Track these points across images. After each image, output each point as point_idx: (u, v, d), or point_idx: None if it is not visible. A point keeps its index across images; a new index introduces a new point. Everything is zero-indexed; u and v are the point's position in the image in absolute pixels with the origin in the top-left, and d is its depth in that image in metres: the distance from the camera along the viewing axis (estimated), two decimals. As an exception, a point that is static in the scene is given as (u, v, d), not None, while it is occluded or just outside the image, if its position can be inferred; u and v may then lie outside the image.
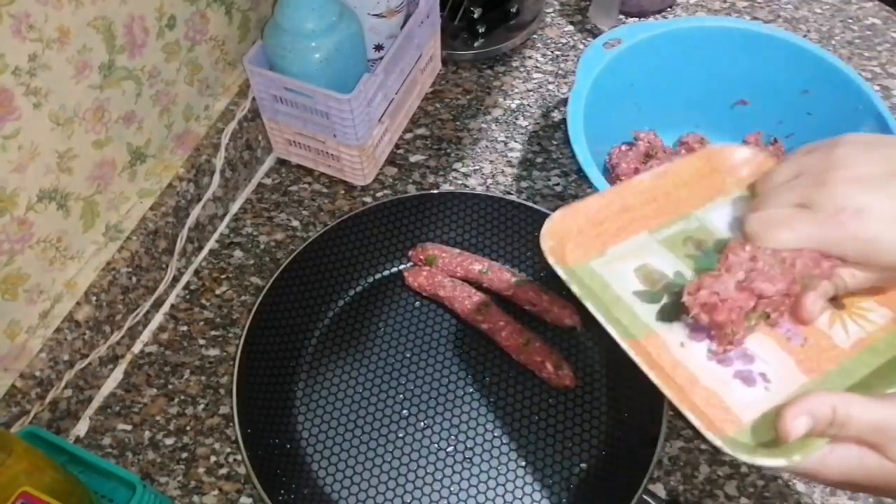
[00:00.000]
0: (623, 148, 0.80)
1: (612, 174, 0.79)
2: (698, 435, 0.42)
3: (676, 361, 0.47)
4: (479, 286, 0.74)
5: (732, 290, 0.45)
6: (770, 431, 0.42)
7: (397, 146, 0.88)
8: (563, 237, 0.53)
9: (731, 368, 0.47)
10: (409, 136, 0.89)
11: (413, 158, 0.87)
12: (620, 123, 0.80)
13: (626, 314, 0.49)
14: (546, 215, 0.74)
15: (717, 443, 0.41)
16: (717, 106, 0.82)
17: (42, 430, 0.61)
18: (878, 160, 0.44)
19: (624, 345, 0.46)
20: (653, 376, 0.44)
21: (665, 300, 0.50)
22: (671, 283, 0.51)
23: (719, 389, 0.46)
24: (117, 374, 0.73)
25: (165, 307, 0.77)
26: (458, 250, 0.76)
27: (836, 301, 0.49)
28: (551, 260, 0.50)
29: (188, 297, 0.78)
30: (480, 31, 0.94)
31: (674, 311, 0.49)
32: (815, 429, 0.40)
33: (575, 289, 0.48)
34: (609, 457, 0.65)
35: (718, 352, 0.47)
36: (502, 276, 0.74)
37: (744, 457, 0.41)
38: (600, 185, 0.66)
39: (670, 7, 0.99)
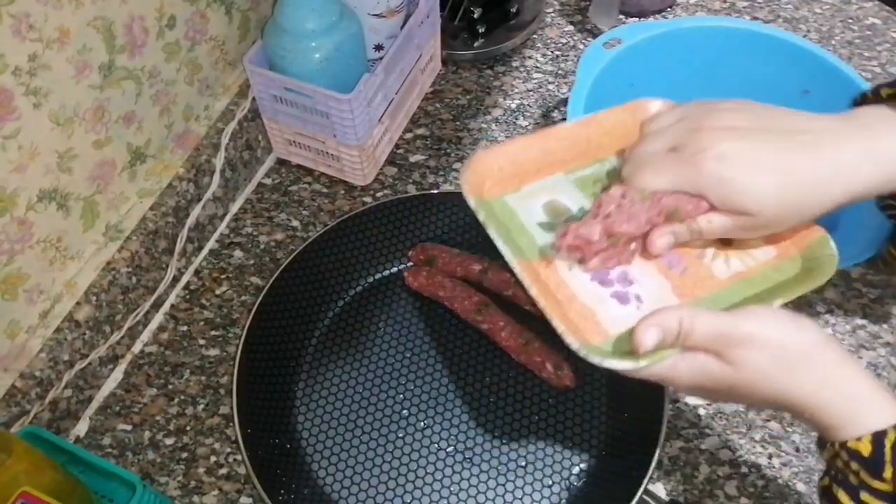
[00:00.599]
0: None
1: None
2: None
3: (561, 281, 0.52)
4: (479, 286, 0.74)
5: (597, 234, 0.49)
6: (630, 344, 0.46)
7: (397, 146, 0.88)
8: (483, 174, 0.56)
9: (609, 289, 0.51)
10: (409, 136, 0.89)
11: (413, 158, 0.87)
12: None
13: (525, 240, 0.54)
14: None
15: (574, 346, 0.46)
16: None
17: (42, 430, 0.61)
18: (749, 117, 0.49)
19: (513, 262, 0.50)
20: (532, 290, 0.49)
21: (563, 229, 0.53)
22: (573, 216, 0.55)
23: (595, 306, 0.51)
24: (117, 375, 0.73)
25: (165, 307, 0.77)
26: (457, 250, 0.76)
27: (724, 242, 0.53)
28: (465, 189, 0.54)
29: (188, 297, 0.78)
30: (480, 31, 0.94)
31: None
32: (665, 340, 0.45)
33: (480, 216, 0.52)
34: (609, 457, 0.65)
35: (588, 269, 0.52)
36: (502, 276, 0.74)
37: (596, 359, 0.45)
38: None
39: (670, 7, 0.99)
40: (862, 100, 0.53)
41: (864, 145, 0.47)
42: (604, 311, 0.50)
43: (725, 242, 0.53)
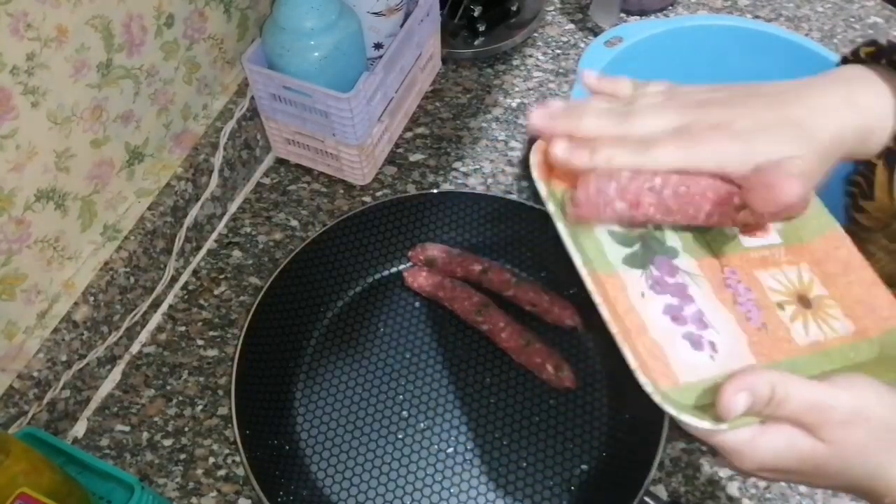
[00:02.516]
0: None
1: None
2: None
3: (631, 307, 0.47)
4: (478, 286, 0.73)
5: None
6: (701, 398, 0.42)
7: (397, 145, 0.88)
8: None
9: (683, 328, 0.47)
10: (408, 135, 0.89)
11: (413, 158, 0.87)
12: None
13: (593, 248, 0.48)
14: (547, 215, 0.74)
15: (648, 388, 0.41)
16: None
17: (40, 431, 0.60)
18: (730, 92, 0.47)
19: (583, 271, 0.45)
20: (603, 309, 0.44)
21: (637, 247, 0.50)
22: (647, 233, 0.51)
23: (665, 344, 0.45)
24: (115, 375, 0.72)
25: (163, 307, 0.76)
26: (457, 250, 0.76)
27: (804, 301, 0.50)
28: (535, 174, 0.48)
29: (186, 297, 0.77)
30: (481, 29, 0.94)
31: (642, 259, 0.49)
32: (754, 406, 0.40)
33: (550, 207, 0.47)
34: (610, 458, 0.65)
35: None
36: (502, 276, 0.74)
37: (672, 410, 0.40)
38: None
39: (671, 5, 0.99)
40: (843, 61, 0.54)
41: (843, 96, 0.47)
42: (674, 353, 0.45)
43: (804, 302, 0.50)
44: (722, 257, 0.52)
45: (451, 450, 0.66)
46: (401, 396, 0.69)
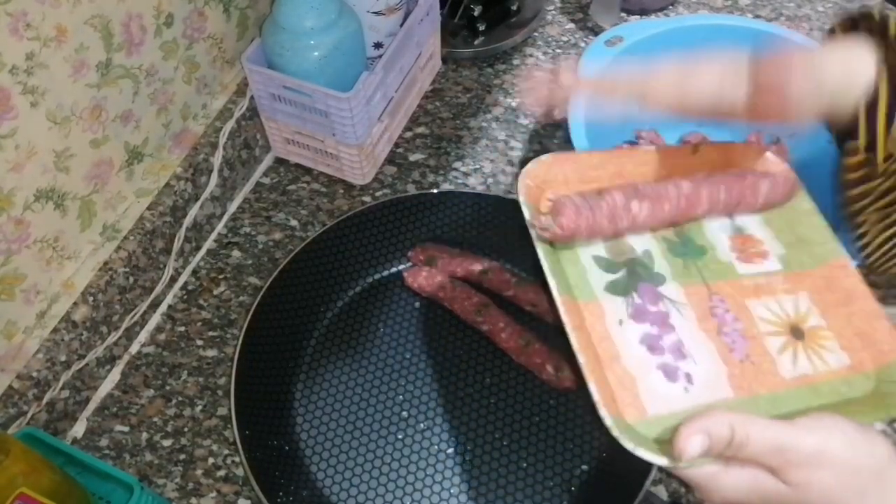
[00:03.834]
0: (624, 147, 0.79)
1: None
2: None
3: (606, 334, 0.46)
4: (479, 286, 0.73)
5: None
6: (669, 431, 0.41)
7: (397, 145, 0.87)
8: (545, 181, 0.51)
9: (659, 358, 0.46)
10: (408, 134, 0.88)
11: (413, 157, 0.87)
12: (622, 122, 0.80)
13: (576, 274, 0.48)
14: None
15: (607, 422, 0.41)
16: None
17: (39, 432, 0.60)
18: None
19: (558, 299, 0.45)
20: (572, 338, 0.43)
21: (621, 274, 0.49)
22: (635, 259, 0.50)
23: (638, 374, 0.45)
24: (114, 376, 0.72)
25: (163, 308, 0.76)
26: (457, 250, 0.76)
27: (797, 332, 0.49)
28: (522, 198, 0.49)
29: (186, 297, 0.77)
30: (481, 28, 0.94)
31: (626, 287, 0.49)
32: (713, 449, 0.39)
33: (533, 232, 0.47)
34: (610, 459, 0.65)
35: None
36: (502, 276, 0.73)
37: (628, 445, 0.40)
38: None
39: (671, 5, 0.99)
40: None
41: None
42: (646, 383, 0.45)
43: (797, 333, 0.49)
44: (713, 285, 0.51)
45: (451, 450, 0.66)
46: (401, 396, 0.69)
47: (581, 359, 0.43)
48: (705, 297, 0.50)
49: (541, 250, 0.47)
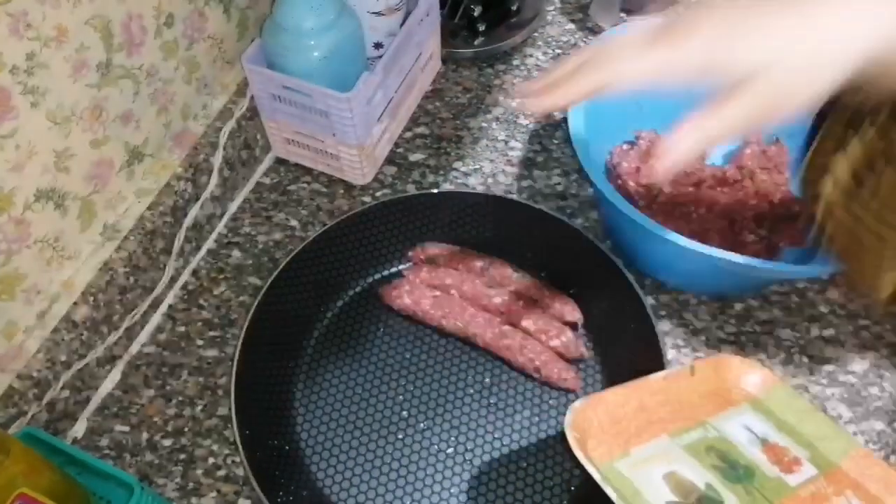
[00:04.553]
0: (624, 147, 0.79)
1: (613, 173, 0.78)
2: None
3: None
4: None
5: None
6: None
7: (397, 145, 0.87)
8: (585, 430, 0.52)
9: None
10: (408, 134, 0.89)
11: (413, 157, 0.87)
12: (622, 122, 0.80)
13: None
14: (547, 215, 0.74)
15: None
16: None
17: (39, 431, 0.60)
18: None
19: None
20: None
21: None
22: (703, 495, 0.50)
23: None
24: (115, 375, 0.72)
25: (163, 307, 0.76)
26: (458, 248, 0.76)
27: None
28: (580, 455, 0.48)
29: (186, 297, 0.77)
30: (481, 29, 0.94)
31: None
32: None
33: (611, 492, 0.46)
34: (610, 458, 0.65)
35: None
36: (503, 271, 0.74)
37: None
38: (600, 184, 0.65)
39: (672, 5, 0.99)
40: None
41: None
42: None
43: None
44: None
45: (451, 450, 0.66)
46: (401, 396, 0.69)
47: None
48: None
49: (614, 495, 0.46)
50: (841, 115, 0.50)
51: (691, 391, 0.58)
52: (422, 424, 0.68)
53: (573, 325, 0.71)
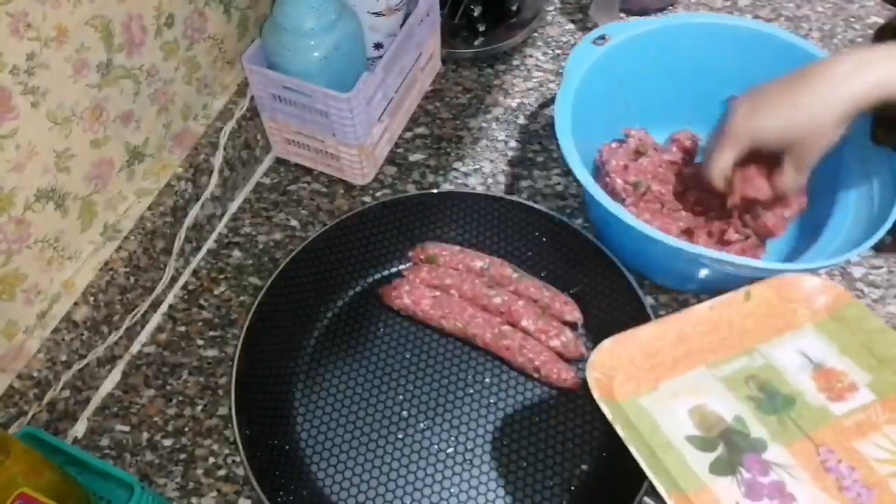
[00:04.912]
0: (613, 145, 0.79)
1: (601, 171, 0.78)
2: None
3: None
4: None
5: None
6: None
7: (397, 145, 0.88)
8: (612, 368, 0.50)
9: None
10: (408, 135, 0.89)
11: (413, 157, 0.87)
12: (611, 121, 0.80)
13: (676, 462, 0.46)
14: (547, 215, 0.74)
15: None
16: (709, 102, 0.79)
17: (40, 431, 0.60)
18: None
19: (669, 501, 0.43)
20: None
21: (721, 450, 0.47)
22: (728, 428, 0.48)
23: None
24: (115, 375, 0.72)
25: (163, 307, 0.76)
26: (458, 247, 0.76)
27: None
28: (596, 395, 0.47)
29: (186, 297, 0.77)
30: (480, 29, 0.94)
31: (730, 463, 0.46)
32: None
33: (620, 431, 0.46)
34: (610, 458, 0.65)
35: None
36: (504, 271, 0.74)
37: None
38: (586, 182, 0.65)
39: (672, 5, 0.99)
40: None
41: (854, 60, 0.59)
42: None
43: None
44: (814, 435, 0.49)
45: (451, 450, 0.66)
46: (401, 396, 0.69)
47: None
48: (812, 452, 0.48)
49: (633, 449, 0.45)
50: None
51: (744, 317, 0.55)
52: (422, 424, 0.68)
53: (573, 325, 0.71)
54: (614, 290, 0.70)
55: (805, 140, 0.61)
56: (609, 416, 0.47)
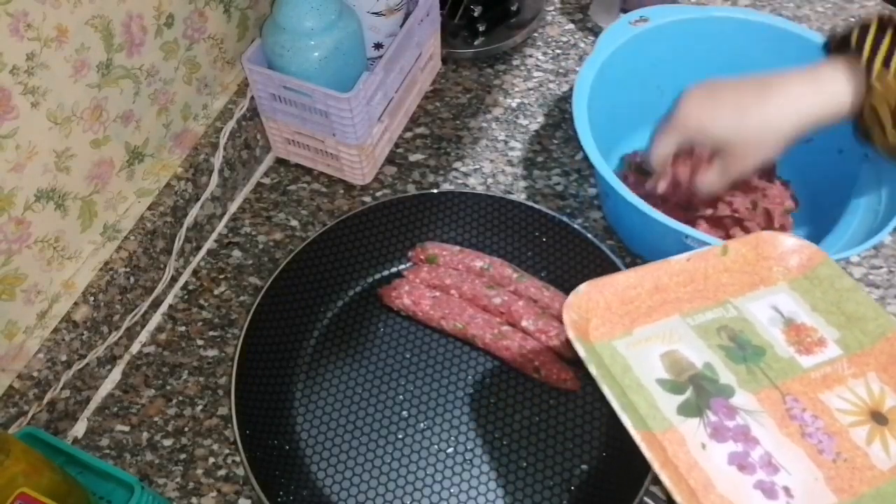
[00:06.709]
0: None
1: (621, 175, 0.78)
2: None
3: (693, 462, 0.45)
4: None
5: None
6: None
7: (397, 145, 0.88)
8: (588, 311, 0.51)
9: (752, 477, 0.45)
10: (408, 135, 0.89)
11: (413, 157, 0.87)
12: (641, 106, 0.80)
13: (645, 403, 0.47)
14: (547, 215, 0.74)
15: None
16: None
17: (40, 431, 0.60)
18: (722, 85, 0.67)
19: (636, 437, 0.44)
20: (664, 476, 0.43)
21: (689, 393, 0.48)
22: (698, 374, 0.49)
23: (736, 499, 0.43)
24: (115, 375, 0.72)
25: (163, 307, 0.76)
26: (458, 247, 0.76)
27: (878, 417, 0.48)
28: (571, 334, 0.48)
29: (186, 297, 0.77)
30: (481, 29, 0.94)
31: (697, 406, 0.48)
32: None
33: (593, 369, 0.47)
34: (610, 458, 0.65)
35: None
36: (504, 271, 0.74)
37: None
38: (599, 167, 0.66)
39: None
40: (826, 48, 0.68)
41: (808, 83, 0.61)
42: None
43: (878, 418, 0.48)
44: (782, 385, 0.50)
45: (451, 450, 0.66)
46: (401, 396, 0.69)
47: (679, 498, 0.42)
48: (778, 400, 0.49)
49: (606, 388, 0.46)
50: None
51: (720, 271, 0.56)
52: (422, 424, 0.68)
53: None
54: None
55: (746, 147, 0.62)
56: (583, 355, 0.48)
